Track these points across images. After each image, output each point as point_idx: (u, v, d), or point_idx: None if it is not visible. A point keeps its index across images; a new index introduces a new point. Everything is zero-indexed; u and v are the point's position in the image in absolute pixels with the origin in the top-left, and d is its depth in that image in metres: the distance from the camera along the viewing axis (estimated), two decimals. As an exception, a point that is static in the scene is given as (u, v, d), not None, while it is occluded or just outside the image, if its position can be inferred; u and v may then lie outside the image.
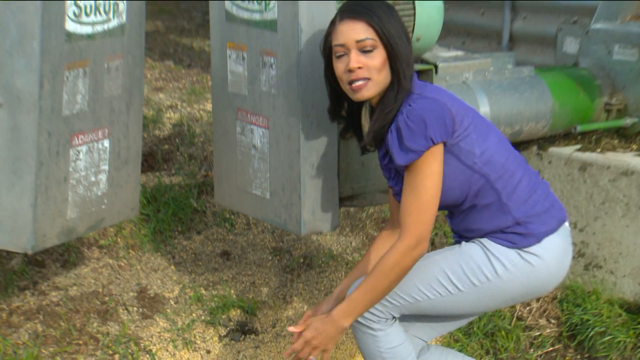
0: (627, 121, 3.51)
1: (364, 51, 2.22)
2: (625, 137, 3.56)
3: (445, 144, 2.20)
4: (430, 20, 2.92)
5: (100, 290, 3.39)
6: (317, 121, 2.74)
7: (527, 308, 3.35)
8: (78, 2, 2.68)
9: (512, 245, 2.24)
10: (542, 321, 3.32)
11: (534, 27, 4.61)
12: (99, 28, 2.78)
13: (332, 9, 2.70)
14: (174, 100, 5.12)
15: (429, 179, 2.17)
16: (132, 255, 3.65)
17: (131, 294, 3.39)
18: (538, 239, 2.25)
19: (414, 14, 2.83)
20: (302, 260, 3.69)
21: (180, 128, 4.68)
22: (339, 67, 2.26)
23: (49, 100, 2.63)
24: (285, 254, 3.75)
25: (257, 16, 2.82)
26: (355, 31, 2.22)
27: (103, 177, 2.92)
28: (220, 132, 3.06)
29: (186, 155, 4.37)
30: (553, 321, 3.32)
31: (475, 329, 3.22)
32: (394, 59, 2.23)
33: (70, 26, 2.66)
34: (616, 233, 3.29)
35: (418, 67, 2.97)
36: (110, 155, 2.93)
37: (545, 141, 3.59)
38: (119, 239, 3.72)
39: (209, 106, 5.03)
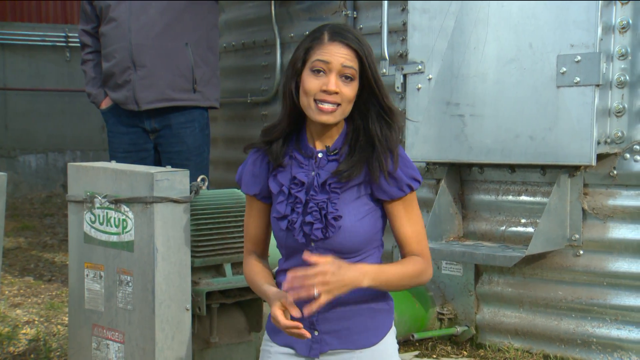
0: (458, 329, 3.61)
1: (344, 77, 2.05)
2: (457, 344, 3.65)
3: None
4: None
5: None
6: (172, 334, 2.70)
7: None
8: None
9: None
10: None
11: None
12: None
13: (188, 234, 2.78)
14: (31, 316, 4.90)
15: (418, 209, 2.15)
16: None
17: None
18: None
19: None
20: None
21: (36, 343, 4.44)
22: (313, 81, 2.05)
23: None
24: None
25: (114, 238, 2.83)
26: (344, 56, 2.05)
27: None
28: (76, 348, 2.99)
29: (41, 371, 4.14)
30: None
31: None
32: (377, 91, 2.09)
33: None
34: None
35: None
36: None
37: (388, 348, 3.65)
38: None
39: (67, 319, 4.85)
